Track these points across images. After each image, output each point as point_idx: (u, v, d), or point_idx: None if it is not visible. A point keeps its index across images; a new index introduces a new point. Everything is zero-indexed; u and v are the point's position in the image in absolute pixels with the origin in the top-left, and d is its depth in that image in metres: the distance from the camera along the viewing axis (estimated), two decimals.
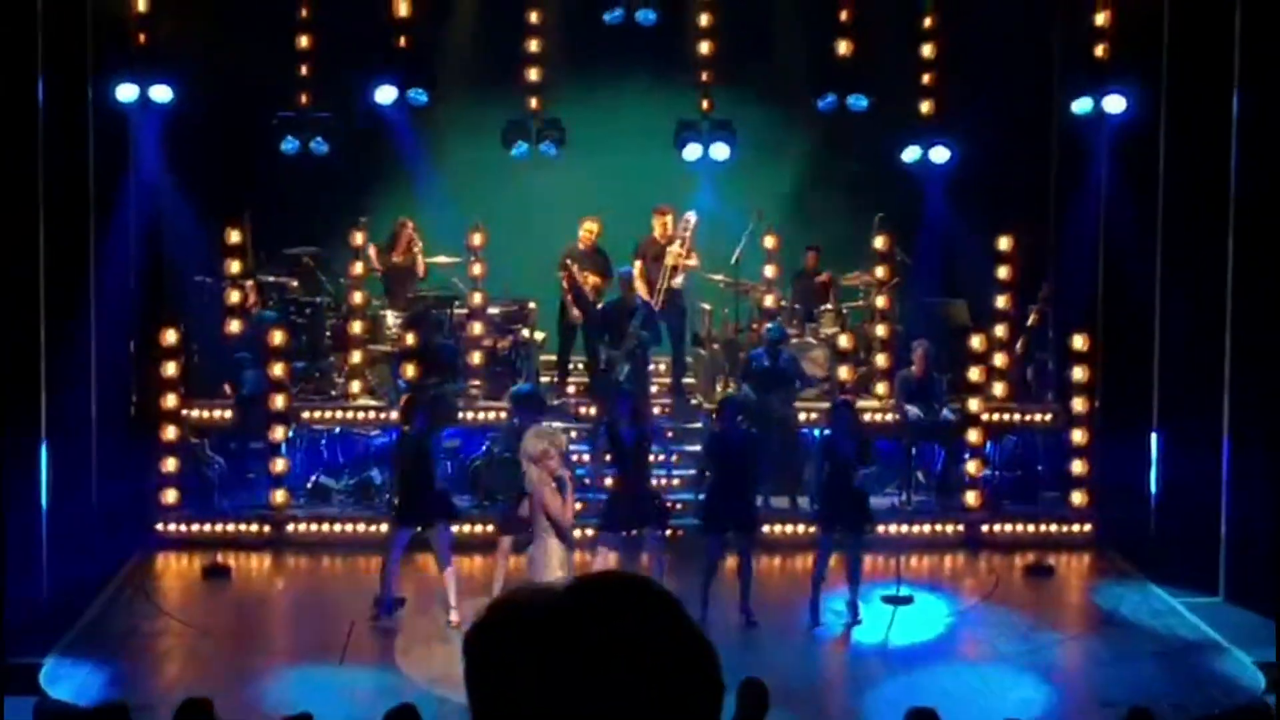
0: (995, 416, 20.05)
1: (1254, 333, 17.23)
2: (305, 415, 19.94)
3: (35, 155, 16.92)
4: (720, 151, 21.11)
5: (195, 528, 19.06)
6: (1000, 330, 20.36)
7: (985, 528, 19.24)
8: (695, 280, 20.77)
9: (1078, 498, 19.56)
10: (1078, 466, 19.62)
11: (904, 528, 18.83)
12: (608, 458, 16.98)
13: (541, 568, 14.27)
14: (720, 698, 2.37)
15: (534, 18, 21.64)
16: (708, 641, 2.38)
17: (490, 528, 17.48)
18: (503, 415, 19.17)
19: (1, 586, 13.86)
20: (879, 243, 20.94)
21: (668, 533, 17.14)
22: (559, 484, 14.30)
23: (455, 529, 16.97)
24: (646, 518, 16.45)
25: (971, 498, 19.50)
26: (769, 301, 20.72)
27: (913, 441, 19.79)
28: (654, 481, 16.87)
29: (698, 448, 18.71)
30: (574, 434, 18.91)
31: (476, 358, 20.31)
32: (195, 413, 19.77)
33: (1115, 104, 19.48)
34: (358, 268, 20.59)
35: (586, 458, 18.96)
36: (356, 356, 20.28)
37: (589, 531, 16.84)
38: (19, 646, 14.49)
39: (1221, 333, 17.48)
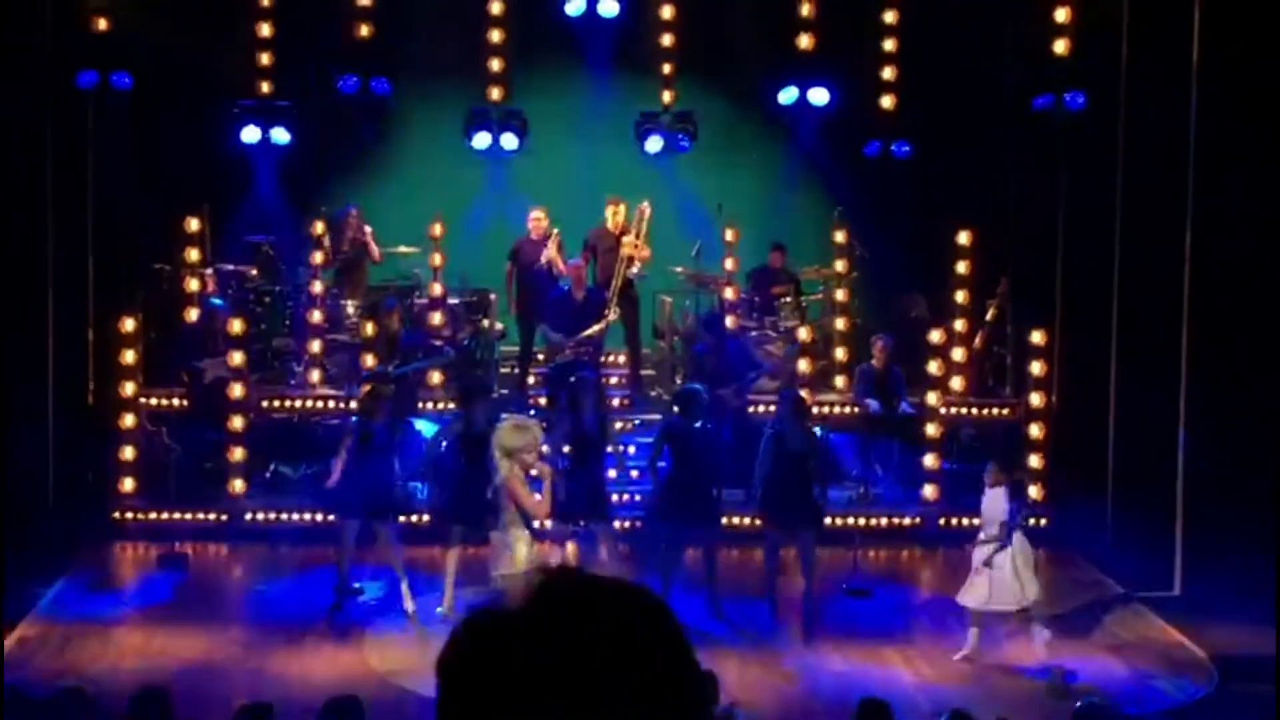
0: (953, 410, 20.13)
1: (1212, 326, 17.33)
2: (264, 404, 19.89)
3: None
4: (681, 144, 21.12)
5: (152, 515, 18.99)
6: (959, 324, 20.46)
7: (942, 521, 19.29)
8: (654, 272, 20.77)
9: (1034, 492, 19.63)
10: (1035, 461, 19.69)
11: (861, 520, 18.87)
12: (565, 449, 16.96)
13: (503, 558, 14.25)
14: (707, 712, 2.30)
15: (496, 9, 21.59)
16: (693, 655, 2.27)
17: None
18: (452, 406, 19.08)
19: None
20: (838, 236, 21.01)
21: (616, 524, 17.13)
22: (533, 479, 14.31)
23: (414, 519, 16.98)
24: (599, 510, 16.44)
25: (929, 491, 19.58)
26: (729, 294, 20.74)
27: (871, 435, 19.84)
28: (610, 473, 16.85)
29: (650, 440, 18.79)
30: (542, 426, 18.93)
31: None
32: (153, 401, 19.72)
33: (1075, 99, 19.55)
34: (317, 257, 20.54)
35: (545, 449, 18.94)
36: (316, 345, 20.25)
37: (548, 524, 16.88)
38: None
39: (1179, 327, 17.56)
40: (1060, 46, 19.99)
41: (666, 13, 21.58)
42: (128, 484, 19.19)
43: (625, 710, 2.19)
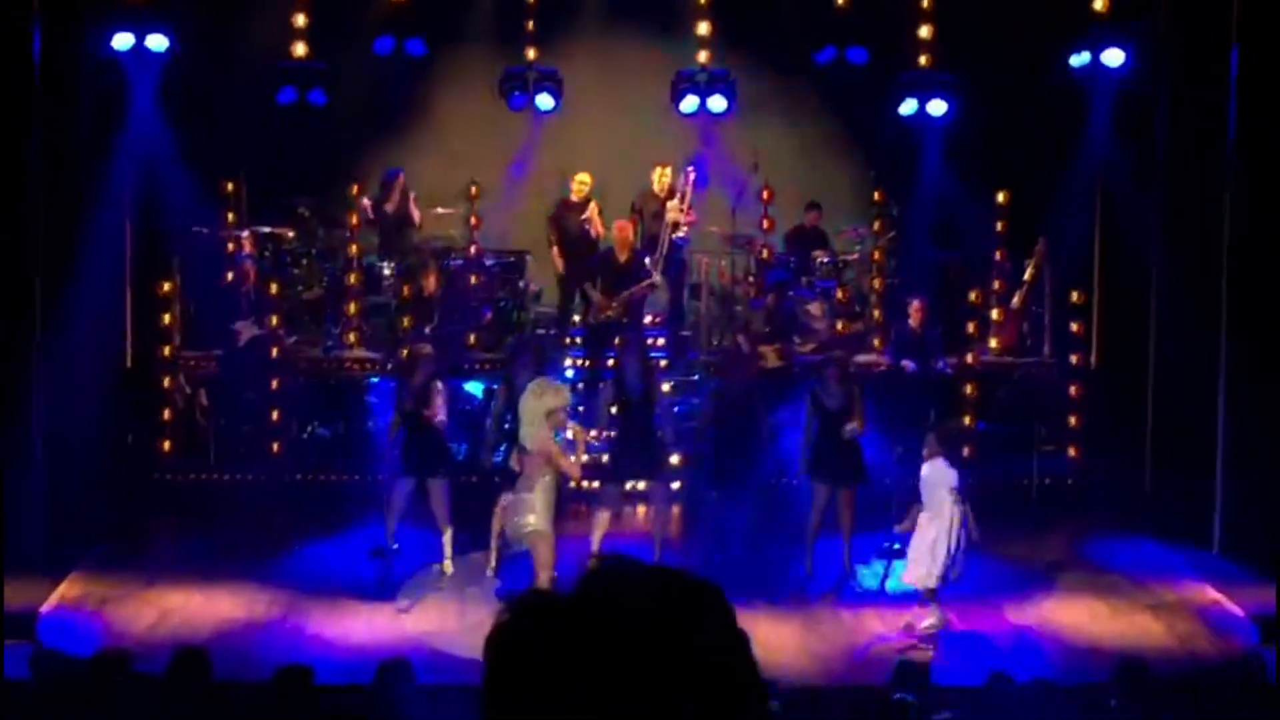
0: (990, 370, 20.09)
1: (1252, 284, 17.22)
2: (301, 366, 19.93)
3: (30, 104, 16.88)
4: (718, 104, 21.04)
5: (191, 476, 19.06)
6: (996, 285, 20.41)
7: (979, 481, 19.23)
8: (693, 231, 20.76)
9: (1072, 451, 19.59)
10: (1073, 420, 19.64)
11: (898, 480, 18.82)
12: (613, 410, 16.92)
13: (521, 515, 14.31)
14: (765, 703, 2.27)
15: None
16: (747, 643, 2.26)
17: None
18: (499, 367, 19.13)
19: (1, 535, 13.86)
20: (875, 196, 20.97)
21: (674, 485, 17.17)
22: (567, 441, 14.37)
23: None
24: (650, 469, 16.45)
25: (965, 451, 19.53)
26: (765, 254, 20.72)
27: (908, 395, 19.78)
28: (657, 433, 16.85)
29: (696, 400, 18.82)
30: (580, 387, 18.98)
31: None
32: (191, 362, 19.79)
33: (1114, 57, 19.42)
34: (354, 219, 20.55)
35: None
36: (353, 307, 20.27)
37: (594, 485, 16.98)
38: (15, 595, 14.49)
39: (1219, 285, 17.47)
40: (1099, 4, 19.84)
41: None
42: (166, 446, 19.26)
43: (670, 701, 2.17)
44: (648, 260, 20.02)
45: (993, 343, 20.35)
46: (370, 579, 16.14)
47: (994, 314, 20.40)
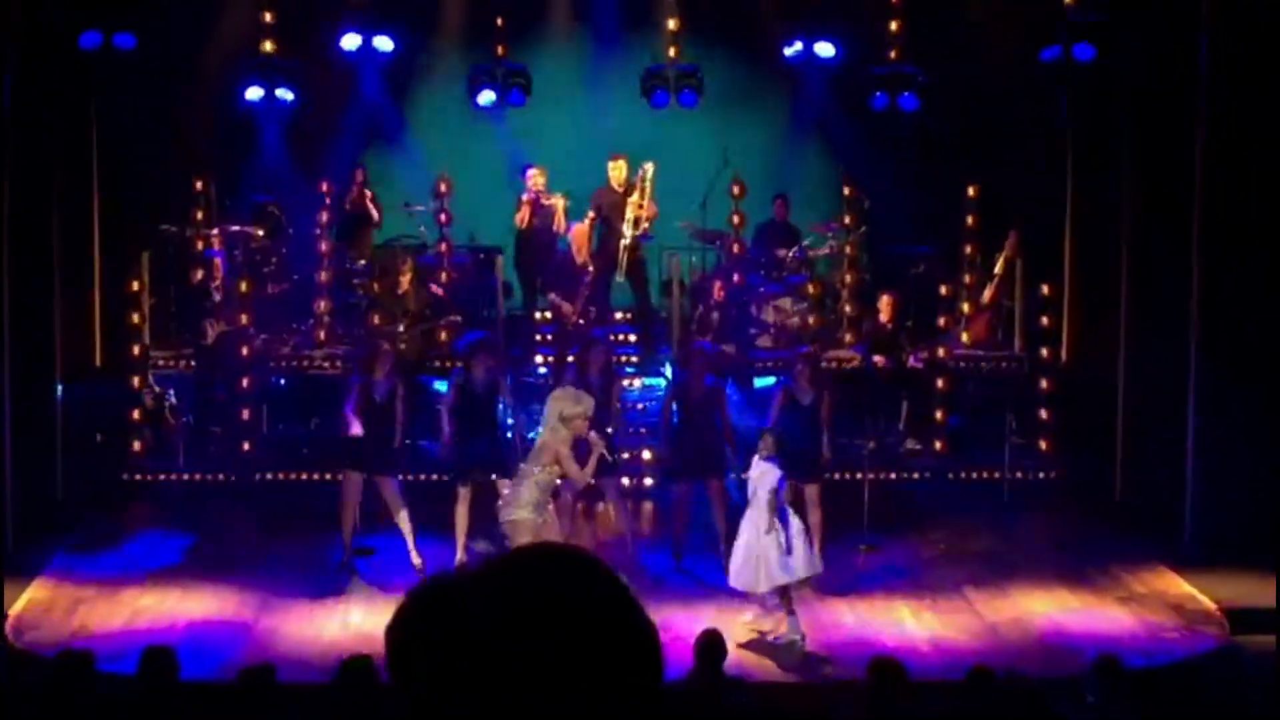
0: (962, 365, 20.11)
1: (1222, 278, 17.25)
2: (271, 364, 19.88)
3: None
4: (687, 99, 21.03)
5: (161, 476, 18.99)
6: (967, 279, 20.44)
7: (951, 475, 19.27)
8: (660, 229, 20.68)
9: (1044, 445, 19.61)
10: (1044, 414, 19.67)
11: (871, 475, 18.81)
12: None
13: (508, 506, 14.59)
14: (659, 675, 2.31)
15: None
16: (644, 614, 2.32)
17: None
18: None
19: None
20: (845, 190, 20.98)
21: (640, 481, 17.17)
22: (579, 447, 14.56)
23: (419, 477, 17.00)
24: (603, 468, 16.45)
25: (938, 445, 19.56)
26: (735, 249, 20.71)
27: (879, 390, 19.79)
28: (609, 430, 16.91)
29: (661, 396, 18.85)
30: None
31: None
32: (160, 361, 19.73)
33: (1083, 50, 19.42)
34: (323, 216, 20.51)
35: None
36: (322, 305, 20.22)
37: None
38: None
39: (1189, 278, 17.49)
40: None
41: None
42: (135, 445, 19.19)
43: (564, 673, 2.22)
44: (613, 257, 19.98)
45: (964, 337, 20.38)
46: (341, 578, 16.11)
47: (964, 308, 20.43)
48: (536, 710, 2.21)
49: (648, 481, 18.45)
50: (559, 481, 14.87)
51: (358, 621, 15.03)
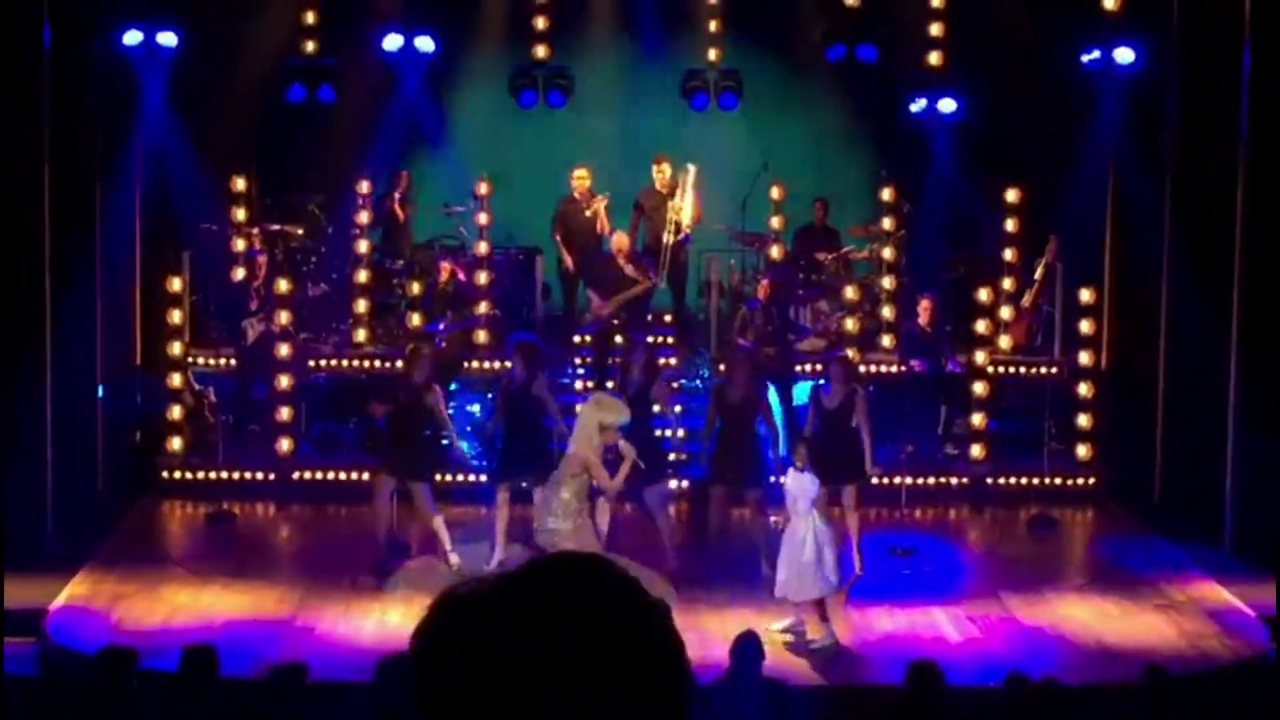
0: (1001, 369, 20.03)
1: (1263, 285, 17.17)
2: (310, 363, 19.91)
3: (40, 101, 16.88)
4: (728, 102, 21.02)
5: (200, 475, 19.04)
6: (1008, 283, 20.38)
7: (989, 480, 19.20)
8: (699, 231, 20.65)
9: (1083, 451, 19.53)
10: (1083, 420, 19.58)
11: (908, 480, 18.78)
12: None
13: (543, 515, 14.67)
14: (685, 685, 2.28)
15: None
16: (670, 625, 2.29)
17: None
18: (507, 365, 19.09)
19: (3, 532, 13.84)
20: (885, 194, 20.93)
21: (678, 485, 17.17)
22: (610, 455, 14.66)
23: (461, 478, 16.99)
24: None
25: (976, 450, 19.48)
26: (775, 252, 20.67)
27: (918, 394, 19.73)
28: (655, 433, 16.85)
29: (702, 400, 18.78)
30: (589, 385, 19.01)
31: (483, 306, 20.28)
32: (200, 360, 19.79)
33: (1125, 55, 19.35)
34: (363, 217, 20.54)
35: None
36: (362, 305, 20.25)
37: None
38: (24, 592, 14.47)
39: (1230, 283, 17.42)
40: (1110, 1, 19.78)
41: None
42: (175, 443, 19.24)
43: (586, 685, 2.20)
44: (655, 259, 19.96)
45: (1003, 342, 20.30)
46: (379, 577, 16.11)
47: (1005, 313, 20.35)
48: None
49: (683, 484, 18.36)
50: (593, 484, 14.87)
51: (396, 621, 15.02)
